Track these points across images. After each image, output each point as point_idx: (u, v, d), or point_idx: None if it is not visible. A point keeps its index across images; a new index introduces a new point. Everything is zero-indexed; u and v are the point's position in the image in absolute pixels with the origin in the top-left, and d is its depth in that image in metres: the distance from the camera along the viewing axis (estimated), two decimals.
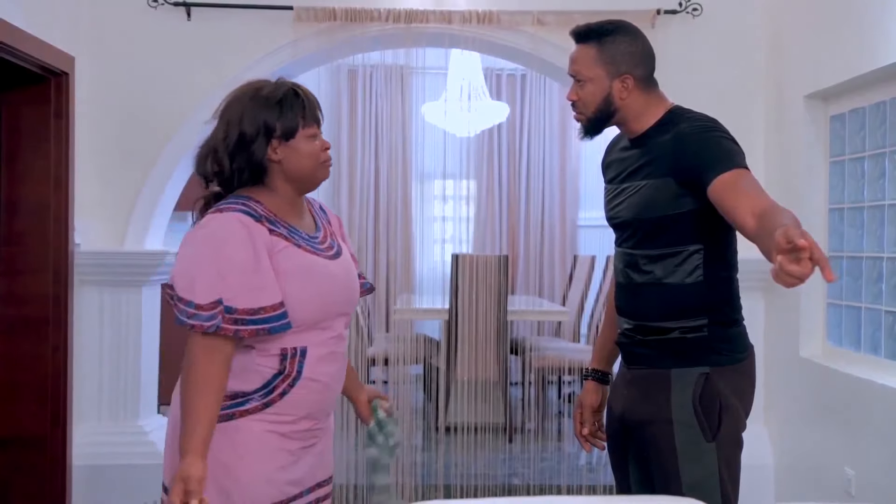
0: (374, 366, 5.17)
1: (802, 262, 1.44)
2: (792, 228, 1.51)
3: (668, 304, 2.10)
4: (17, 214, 3.73)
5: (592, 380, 2.39)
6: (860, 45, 3.33)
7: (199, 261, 1.85)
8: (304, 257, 1.93)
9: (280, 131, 1.91)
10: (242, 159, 1.90)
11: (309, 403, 1.94)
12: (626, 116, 2.17)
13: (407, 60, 4.43)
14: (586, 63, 2.15)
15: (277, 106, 1.91)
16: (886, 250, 3.38)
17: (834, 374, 3.52)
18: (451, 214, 7.36)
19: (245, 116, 1.90)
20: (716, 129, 2.07)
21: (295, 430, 1.93)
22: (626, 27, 2.19)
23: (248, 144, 1.89)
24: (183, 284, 1.84)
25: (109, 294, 4.00)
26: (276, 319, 1.84)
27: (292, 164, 1.93)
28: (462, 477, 4.38)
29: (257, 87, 1.95)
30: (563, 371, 5.45)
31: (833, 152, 3.78)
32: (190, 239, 1.89)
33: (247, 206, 1.89)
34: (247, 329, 1.82)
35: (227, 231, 1.84)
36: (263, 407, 1.89)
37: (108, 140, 4.04)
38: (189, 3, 4.01)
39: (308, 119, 1.94)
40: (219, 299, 1.81)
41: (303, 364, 1.91)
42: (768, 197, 1.87)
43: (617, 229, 2.25)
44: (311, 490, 2.00)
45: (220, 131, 1.92)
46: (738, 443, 2.11)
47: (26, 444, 3.71)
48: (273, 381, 1.90)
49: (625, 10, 3.55)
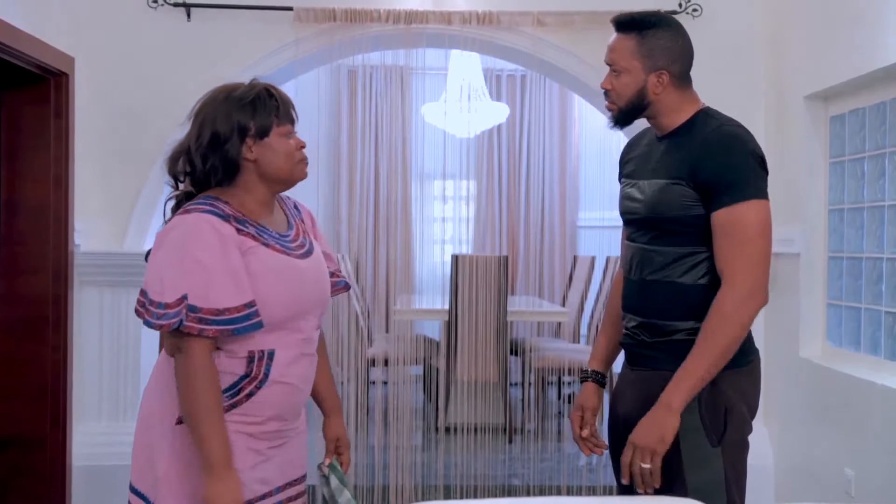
0: (374, 366, 5.17)
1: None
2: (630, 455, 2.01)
3: (678, 303, 2.09)
4: (17, 215, 3.73)
5: (593, 381, 2.36)
6: (860, 45, 3.33)
7: (166, 263, 1.85)
8: (273, 256, 1.93)
9: (254, 130, 1.91)
10: (216, 158, 1.90)
11: (277, 405, 1.94)
12: (658, 111, 2.15)
13: (407, 61, 4.42)
14: (624, 54, 2.13)
15: (251, 105, 1.92)
16: (886, 251, 3.38)
17: (834, 374, 3.52)
18: (450, 215, 7.36)
19: (218, 116, 1.91)
20: (741, 143, 2.05)
21: (263, 431, 1.93)
22: (668, 21, 2.16)
23: (222, 144, 1.90)
24: (154, 287, 1.84)
25: (109, 294, 3.99)
26: (242, 320, 1.84)
27: (268, 162, 1.93)
28: (462, 477, 4.38)
29: (230, 89, 1.96)
30: (563, 372, 5.44)
31: (833, 153, 3.78)
32: (158, 242, 1.90)
33: (214, 206, 1.89)
34: (210, 329, 1.81)
35: (193, 231, 1.84)
36: (230, 408, 1.89)
37: (108, 140, 4.04)
38: (189, 3, 4.01)
39: (282, 118, 1.95)
40: (184, 295, 1.81)
41: (270, 367, 1.91)
42: (742, 271, 1.98)
43: (631, 224, 2.23)
44: (281, 489, 2.00)
45: (194, 131, 1.93)
46: (743, 447, 2.10)
47: (26, 444, 3.71)
48: (239, 382, 1.90)
49: (624, 11, 3.54)
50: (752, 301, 2.00)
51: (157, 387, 1.98)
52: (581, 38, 4.10)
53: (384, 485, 4.23)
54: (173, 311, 1.81)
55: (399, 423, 4.33)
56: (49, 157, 3.73)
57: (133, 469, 1.97)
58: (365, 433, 4.43)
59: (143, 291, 1.87)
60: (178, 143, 1.97)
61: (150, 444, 1.94)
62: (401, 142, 6.90)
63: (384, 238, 7.09)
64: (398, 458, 4.26)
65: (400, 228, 6.87)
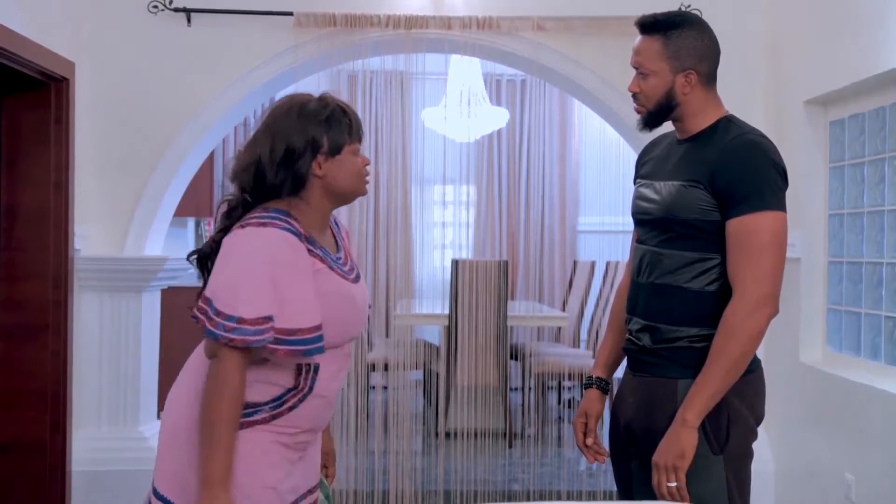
0: (374, 371, 5.17)
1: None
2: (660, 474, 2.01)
3: (684, 308, 2.08)
4: (17, 220, 3.73)
5: (597, 388, 2.34)
6: (860, 50, 3.33)
7: (244, 275, 1.82)
8: (336, 281, 1.94)
9: (327, 147, 1.92)
10: (286, 173, 1.90)
11: (313, 418, 1.96)
12: (685, 113, 2.13)
13: (407, 66, 4.42)
14: (650, 56, 2.11)
15: (326, 122, 1.92)
16: (886, 255, 3.38)
17: (834, 379, 3.51)
18: (451, 220, 7.36)
19: (293, 131, 1.90)
20: (763, 153, 2.04)
21: (296, 442, 1.95)
22: (692, 20, 2.14)
23: (295, 159, 1.89)
24: (225, 297, 1.81)
25: (109, 300, 3.99)
26: (312, 342, 1.84)
27: (336, 179, 1.94)
28: (462, 482, 4.37)
29: (303, 101, 1.95)
30: (563, 377, 5.44)
31: (833, 158, 3.78)
32: (228, 250, 1.86)
33: (289, 223, 1.88)
34: (282, 349, 1.82)
35: (272, 248, 1.83)
36: (271, 419, 1.89)
37: (109, 146, 4.04)
38: (189, 9, 4.01)
39: (353, 136, 1.96)
40: (269, 315, 1.80)
41: (315, 380, 1.92)
42: (752, 281, 1.99)
43: (643, 225, 2.21)
44: (303, 496, 2.02)
45: (266, 144, 1.91)
46: (746, 455, 2.09)
47: (26, 449, 3.71)
48: (285, 395, 1.90)
49: (624, 16, 3.56)
50: (760, 312, 1.99)
51: (190, 393, 1.93)
52: (581, 42, 4.11)
53: (384, 490, 4.23)
54: (252, 329, 1.78)
55: (399, 427, 4.33)
56: (49, 162, 3.73)
57: (158, 472, 1.95)
58: (365, 438, 4.43)
59: (208, 299, 1.83)
60: (244, 153, 1.95)
61: (177, 449, 1.92)
62: (401, 146, 6.90)
63: (384, 242, 7.10)
64: (398, 463, 4.26)
65: (400, 233, 6.86)
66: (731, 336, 1.98)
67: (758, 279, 1.99)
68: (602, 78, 4.15)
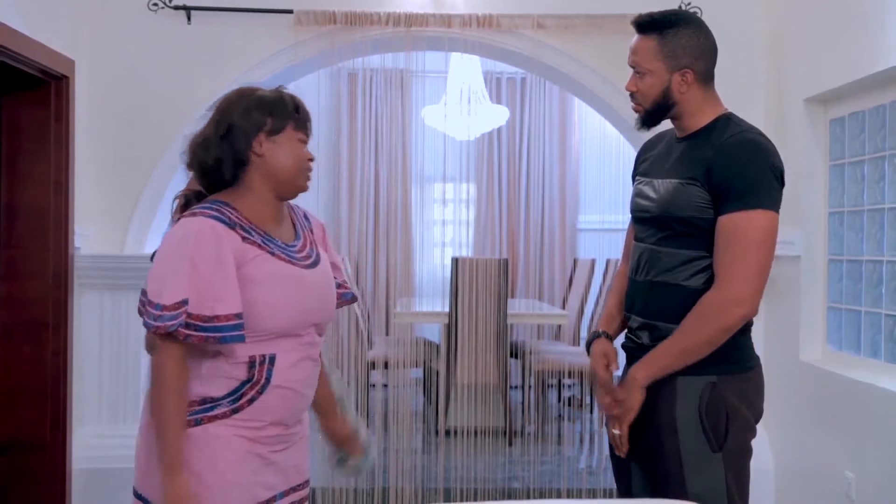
0: (374, 369, 5.17)
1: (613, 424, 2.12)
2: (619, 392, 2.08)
3: (681, 306, 2.07)
4: (17, 218, 3.73)
5: (605, 338, 2.26)
6: (860, 48, 3.33)
7: (166, 264, 1.86)
8: (278, 266, 1.93)
9: (269, 126, 1.93)
10: (226, 148, 1.91)
11: (278, 410, 1.94)
12: (682, 111, 2.14)
13: (407, 64, 4.42)
14: (646, 55, 2.12)
15: (271, 104, 1.94)
16: (886, 254, 3.38)
17: (834, 377, 3.52)
18: (451, 218, 7.36)
19: (237, 110, 1.93)
20: (761, 152, 2.04)
21: (264, 436, 1.93)
22: (688, 19, 2.15)
23: (236, 134, 1.91)
24: (153, 287, 1.85)
25: (109, 298, 3.99)
26: (230, 329, 1.83)
27: (275, 161, 1.94)
28: (462, 480, 4.37)
29: (255, 89, 1.99)
30: (563, 374, 5.44)
31: (833, 156, 3.78)
32: (163, 242, 1.91)
33: (221, 211, 1.89)
34: (196, 335, 1.82)
35: (195, 236, 1.85)
36: (231, 413, 1.89)
37: (109, 144, 4.04)
38: (189, 6, 4.01)
39: (299, 124, 1.97)
40: (184, 299, 1.82)
41: (271, 371, 1.91)
42: (735, 278, 1.99)
43: (641, 223, 2.22)
44: (285, 494, 1.99)
45: (212, 123, 1.95)
46: (745, 453, 2.10)
47: (26, 448, 3.71)
48: (241, 388, 1.90)
49: (624, 14, 3.55)
50: (736, 309, 2.00)
51: None
52: (581, 41, 4.11)
53: (384, 487, 4.23)
54: (170, 314, 1.81)
55: (399, 426, 4.33)
56: (49, 160, 3.73)
57: (137, 473, 1.97)
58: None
59: (143, 290, 1.89)
60: (195, 135, 1.98)
61: (153, 449, 1.93)
62: (401, 145, 6.91)
63: (384, 241, 7.09)
64: (398, 461, 4.26)
65: (400, 231, 6.87)
66: (703, 321, 2.01)
67: (742, 277, 2.00)
68: (602, 76, 4.15)
